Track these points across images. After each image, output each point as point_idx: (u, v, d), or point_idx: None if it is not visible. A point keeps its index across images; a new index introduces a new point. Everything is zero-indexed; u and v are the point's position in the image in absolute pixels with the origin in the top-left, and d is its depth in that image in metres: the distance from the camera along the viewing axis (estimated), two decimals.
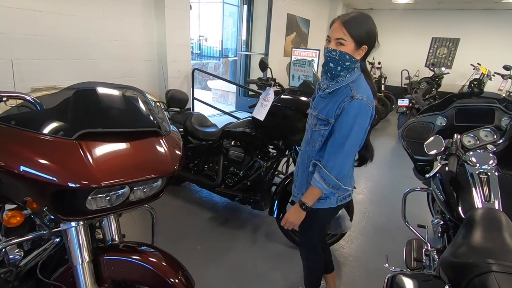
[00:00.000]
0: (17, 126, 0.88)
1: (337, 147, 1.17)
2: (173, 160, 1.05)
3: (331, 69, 1.18)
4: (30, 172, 0.83)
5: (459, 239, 1.20)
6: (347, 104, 1.15)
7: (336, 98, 1.19)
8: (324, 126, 1.21)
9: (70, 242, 1.00)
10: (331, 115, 1.18)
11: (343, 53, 1.13)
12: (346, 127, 1.15)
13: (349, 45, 1.13)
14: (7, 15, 2.27)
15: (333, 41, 1.14)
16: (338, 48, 1.13)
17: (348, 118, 1.15)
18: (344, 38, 1.12)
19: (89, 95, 1.00)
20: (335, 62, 1.15)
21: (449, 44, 8.53)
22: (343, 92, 1.18)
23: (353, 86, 1.18)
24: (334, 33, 1.14)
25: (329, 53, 1.15)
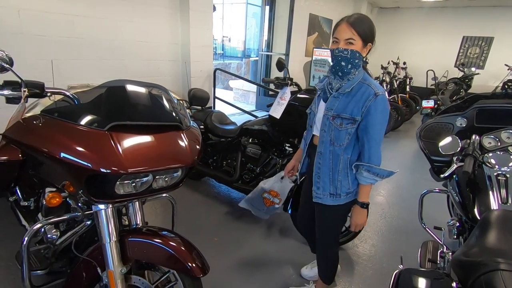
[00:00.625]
0: (59, 118, 1.01)
1: (374, 142, 1.26)
2: (192, 152, 1.14)
3: (342, 68, 1.24)
4: (69, 158, 0.95)
5: (472, 240, 1.20)
6: (374, 102, 1.22)
7: (357, 97, 1.24)
8: (351, 124, 1.27)
9: (100, 222, 1.12)
10: (357, 113, 1.24)
11: (354, 51, 1.20)
12: (378, 122, 1.24)
13: (358, 44, 1.21)
14: (48, 20, 2.50)
15: (343, 41, 1.21)
16: (348, 47, 1.20)
17: (377, 113, 1.23)
18: (353, 38, 1.19)
19: (119, 91, 1.11)
20: (347, 61, 1.22)
21: (481, 43, 8.10)
22: (363, 91, 1.24)
23: (370, 83, 1.25)
24: (343, 34, 1.21)
25: (341, 52, 1.21)
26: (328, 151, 1.33)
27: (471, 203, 1.39)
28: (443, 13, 8.25)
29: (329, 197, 1.38)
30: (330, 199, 1.38)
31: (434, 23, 8.39)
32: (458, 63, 8.13)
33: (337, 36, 1.23)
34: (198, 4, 3.47)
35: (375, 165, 1.27)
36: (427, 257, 1.79)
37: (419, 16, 8.50)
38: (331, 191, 1.37)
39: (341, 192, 1.36)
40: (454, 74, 7.14)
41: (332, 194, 1.37)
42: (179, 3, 3.44)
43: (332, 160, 1.33)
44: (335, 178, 1.35)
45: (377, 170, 1.28)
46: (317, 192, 1.40)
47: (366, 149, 1.28)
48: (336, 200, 1.38)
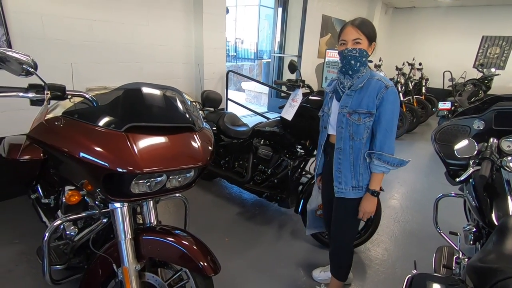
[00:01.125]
0: (79, 119, 1.05)
1: (386, 131, 1.34)
2: (205, 153, 1.17)
3: (352, 66, 1.34)
4: (87, 157, 0.99)
5: (489, 246, 1.17)
6: (385, 94, 1.31)
7: (369, 91, 1.33)
8: (369, 118, 1.34)
9: (116, 220, 1.16)
10: (372, 106, 1.33)
11: (362, 50, 1.31)
12: (389, 112, 1.32)
13: (364, 43, 1.32)
14: (69, 25, 2.60)
15: (350, 42, 1.32)
16: (356, 46, 1.31)
17: (389, 104, 1.32)
18: (360, 37, 1.31)
19: (135, 94, 1.15)
20: (356, 59, 1.32)
21: (502, 43, 7.81)
22: (373, 85, 1.33)
23: (379, 78, 1.35)
24: (350, 35, 1.32)
25: (350, 52, 1.32)
26: (348, 146, 1.40)
27: (488, 208, 1.36)
28: (461, 12, 8.02)
29: (352, 191, 1.44)
30: (353, 192, 1.44)
31: (451, 22, 8.16)
32: (477, 63, 7.87)
33: (344, 38, 1.34)
34: (212, 8, 3.52)
35: (386, 153, 1.34)
36: (442, 262, 1.75)
37: (435, 16, 8.30)
38: (353, 184, 1.43)
39: (363, 184, 1.43)
40: (472, 75, 6.92)
41: (354, 187, 1.44)
42: (193, 7, 3.50)
43: (353, 154, 1.40)
44: (356, 172, 1.42)
45: (387, 158, 1.34)
46: (339, 187, 1.46)
47: (378, 138, 1.35)
48: (359, 192, 1.44)
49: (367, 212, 1.45)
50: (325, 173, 1.61)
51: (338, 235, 1.61)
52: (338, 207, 1.53)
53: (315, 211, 1.87)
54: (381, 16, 8.11)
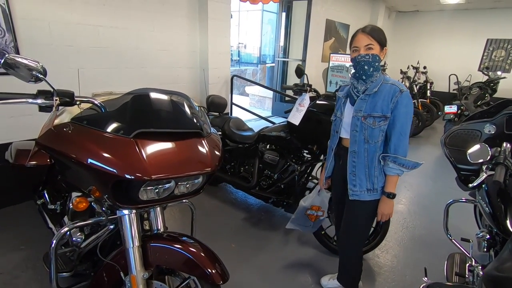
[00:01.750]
0: (88, 125, 1.04)
1: (400, 135, 1.36)
2: (213, 159, 1.15)
3: (366, 72, 1.36)
4: (96, 164, 0.98)
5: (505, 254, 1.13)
6: (400, 98, 1.33)
7: (383, 96, 1.36)
8: (384, 121, 1.37)
9: (124, 227, 1.14)
10: (387, 110, 1.35)
11: (374, 55, 1.34)
12: (404, 116, 1.35)
13: (376, 48, 1.35)
14: (75, 31, 2.62)
15: (363, 48, 1.35)
16: (369, 52, 1.34)
17: (403, 108, 1.34)
18: (372, 43, 1.34)
19: (143, 99, 1.14)
20: (369, 64, 1.35)
21: (507, 46, 7.76)
22: (388, 89, 1.36)
23: (393, 82, 1.38)
24: (361, 42, 1.35)
25: (363, 58, 1.34)
26: (363, 149, 1.42)
27: (503, 215, 1.32)
28: (465, 16, 7.99)
29: (367, 193, 1.46)
30: (368, 195, 1.46)
31: (456, 26, 8.14)
32: (482, 66, 7.83)
33: (356, 45, 1.37)
34: (217, 13, 3.54)
35: (401, 156, 1.36)
36: (454, 270, 1.71)
37: (440, 19, 8.28)
38: (368, 187, 1.45)
39: (377, 187, 1.45)
40: (477, 78, 6.87)
41: (369, 190, 1.45)
42: (198, 13, 3.52)
43: (368, 157, 1.42)
44: (371, 174, 1.44)
45: (402, 160, 1.36)
46: (354, 189, 1.47)
47: (392, 141, 1.37)
48: (373, 195, 1.46)
49: (385, 214, 1.48)
50: (336, 177, 1.62)
51: (349, 239, 1.60)
52: (351, 209, 1.53)
53: (306, 209, 1.86)
54: (384, 20, 8.11)
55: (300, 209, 1.86)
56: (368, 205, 1.48)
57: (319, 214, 1.86)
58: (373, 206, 1.50)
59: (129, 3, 2.91)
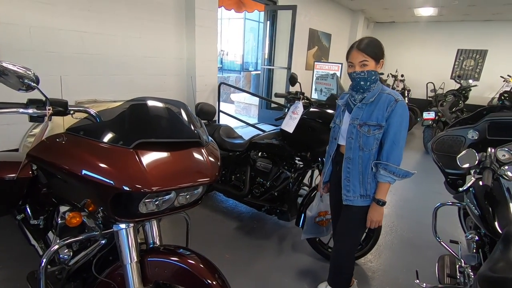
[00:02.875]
0: (85, 136, 0.99)
1: (393, 143, 1.39)
2: (214, 168, 1.13)
3: (362, 86, 1.41)
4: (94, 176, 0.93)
5: (496, 254, 1.18)
6: (395, 107, 1.37)
7: (379, 105, 1.39)
8: (378, 130, 1.40)
9: (121, 242, 1.09)
10: (382, 119, 1.39)
11: (369, 71, 1.38)
12: (398, 125, 1.38)
13: (371, 64, 1.38)
14: (58, 37, 2.52)
15: (357, 64, 1.38)
16: (364, 69, 1.38)
17: (397, 117, 1.38)
18: (366, 59, 1.37)
19: (142, 108, 1.11)
20: (365, 80, 1.39)
21: (476, 56, 8.29)
22: (384, 99, 1.40)
23: (390, 92, 1.42)
24: (356, 59, 1.39)
25: (358, 75, 1.39)
26: (357, 156, 1.45)
27: (491, 216, 1.38)
28: (438, 27, 8.48)
29: (360, 199, 1.48)
30: (361, 200, 1.49)
31: (429, 36, 8.61)
32: (454, 75, 8.29)
33: (351, 60, 1.41)
34: (204, 21, 3.53)
35: (392, 164, 1.39)
36: (446, 272, 1.76)
37: (414, 30, 8.74)
38: (361, 193, 1.48)
39: (370, 193, 1.48)
40: (450, 86, 7.26)
41: (362, 196, 1.48)
42: (185, 20, 3.50)
43: (362, 164, 1.45)
44: (365, 181, 1.47)
45: (393, 168, 1.39)
46: (347, 195, 1.50)
47: (385, 149, 1.41)
48: (366, 201, 1.49)
49: (374, 221, 1.49)
50: (333, 182, 1.65)
51: (342, 241, 1.63)
52: (345, 214, 1.57)
53: (314, 218, 1.88)
54: (363, 30, 8.44)
55: (308, 220, 1.87)
56: (361, 210, 1.51)
57: (328, 218, 1.89)
58: (366, 212, 1.52)
59: (115, 10, 2.85)
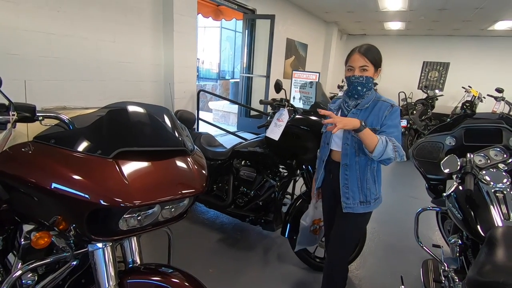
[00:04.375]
0: (56, 145, 0.88)
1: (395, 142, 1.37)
2: (201, 179, 1.05)
3: (358, 92, 1.40)
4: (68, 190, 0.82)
5: (482, 258, 1.20)
6: (391, 111, 1.39)
7: (375, 111, 1.40)
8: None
9: (97, 264, 0.97)
10: (376, 123, 1.39)
11: (368, 77, 1.38)
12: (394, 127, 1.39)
13: (371, 70, 1.38)
14: (23, 38, 2.32)
15: (357, 69, 1.37)
16: (363, 74, 1.37)
17: (393, 120, 1.39)
18: (366, 65, 1.37)
19: (122, 114, 1.01)
20: (362, 85, 1.39)
21: (440, 68, 8.89)
22: (379, 106, 1.41)
23: (385, 99, 1.43)
24: (357, 62, 1.37)
25: (357, 79, 1.38)
26: (354, 162, 1.43)
27: (474, 220, 1.42)
28: (405, 40, 9.02)
29: (360, 205, 1.46)
30: (361, 207, 1.46)
31: (398, 49, 9.12)
32: (421, 85, 8.81)
33: (351, 64, 1.39)
34: (182, 26, 3.45)
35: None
36: (431, 276, 1.78)
37: (384, 43, 9.20)
38: (361, 199, 1.46)
39: (370, 199, 1.46)
40: (418, 95, 7.70)
41: (362, 202, 1.46)
42: (163, 25, 3.40)
43: (359, 170, 1.44)
44: (363, 187, 1.45)
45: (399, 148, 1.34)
46: (347, 202, 1.46)
47: None
48: (367, 207, 1.47)
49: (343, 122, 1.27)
50: (326, 189, 1.61)
51: (337, 248, 1.58)
52: (342, 221, 1.53)
53: (309, 227, 1.82)
54: (337, 41, 8.75)
55: (303, 229, 1.81)
56: (361, 217, 1.49)
57: (321, 225, 1.86)
58: (364, 217, 1.52)
59: (87, 11, 2.69)
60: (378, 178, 1.50)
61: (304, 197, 2.06)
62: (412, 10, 6.06)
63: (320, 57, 8.39)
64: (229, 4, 4.90)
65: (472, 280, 1.11)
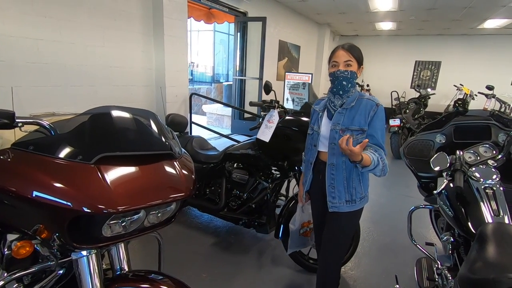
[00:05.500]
0: (36, 152, 0.86)
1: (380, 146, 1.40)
2: (188, 182, 1.04)
3: (344, 87, 1.40)
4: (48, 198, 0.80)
5: (473, 255, 1.20)
6: (377, 111, 1.40)
7: (361, 110, 1.40)
8: (361, 134, 1.39)
9: (82, 273, 0.95)
10: (364, 124, 1.38)
11: (353, 72, 1.39)
12: (380, 129, 1.41)
13: (355, 65, 1.40)
14: (9, 44, 2.29)
15: (342, 63, 1.39)
16: (348, 68, 1.39)
17: (378, 120, 1.40)
18: (351, 60, 1.39)
19: (104, 119, 1.00)
20: (347, 80, 1.39)
21: (431, 67, 8.98)
22: (364, 104, 1.41)
23: (369, 98, 1.44)
24: (341, 57, 1.39)
25: (342, 73, 1.38)
26: (341, 162, 1.43)
27: (464, 217, 1.42)
28: (397, 41, 9.10)
29: (345, 204, 1.46)
30: (347, 206, 1.46)
31: (390, 49, 9.20)
32: (413, 84, 8.89)
33: (336, 60, 1.40)
34: (173, 30, 3.44)
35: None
36: (424, 275, 1.77)
37: (376, 43, 9.29)
38: (347, 198, 1.46)
39: (356, 198, 1.46)
40: (411, 94, 7.75)
41: (348, 201, 1.46)
42: (153, 29, 3.39)
43: (346, 169, 1.43)
44: (349, 186, 1.45)
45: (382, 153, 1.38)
46: (333, 201, 1.46)
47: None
48: (352, 206, 1.47)
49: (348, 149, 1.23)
50: (315, 191, 1.59)
51: (330, 250, 1.56)
52: (332, 222, 1.52)
53: (298, 231, 1.81)
54: (330, 42, 8.80)
55: (293, 233, 1.79)
56: (347, 216, 1.49)
57: (311, 227, 1.84)
58: (351, 218, 1.51)
59: (76, 17, 2.67)
60: (364, 178, 1.49)
61: (296, 199, 2.05)
62: (402, 10, 6.12)
63: (313, 58, 8.43)
64: (220, 7, 4.90)
65: (463, 278, 1.11)
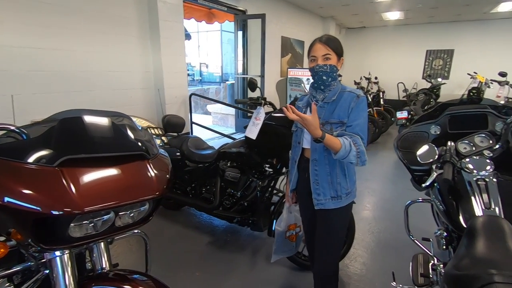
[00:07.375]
0: (3, 157, 0.89)
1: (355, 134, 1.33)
2: (160, 182, 1.04)
3: (324, 82, 1.36)
4: (12, 202, 0.82)
5: (461, 250, 1.15)
6: (357, 102, 1.35)
7: (342, 103, 1.36)
8: (340, 127, 1.35)
9: (55, 272, 0.98)
10: (344, 116, 1.34)
11: (332, 65, 1.34)
12: (362, 119, 1.35)
13: (334, 58, 1.36)
14: (9, 54, 2.39)
15: (320, 58, 1.34)
16: (326, 62, 1.34)
17: (359, 111, 1.35)
18: (329, 53, 1.34)
19: (74, 122, 1.02)
20: (327, 74, 1.35)
21: (444, 56, 8.64)
22: (345, 97, 1.37)
23: (350, 90, 1.40)
24: (319, 51, 1.35)
25: (321, 68, 1.34)
26: (323, 157, 1.39)
27: (455, 211, 1.36)
28: (406, 30, 8.81)
29: (331, 201, 1.41)
30: (332, 203, 1.41)
31: (399, 39, 8.92)
32: (425, 75, 8.59)
33: (314, 54, 1.36)
34: (169, 32, 3.48)
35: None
36: (419, 271, 1.72)
37: (384, 34, 9.03)
38: (332, 194, 1.41)
39: (341, 193, 1.41)
40: (423, 85, 7.51)
41: (333, 197, 1.41)
42: (150, 33, 3.44)
43: (329, 164, 1.39)
44: (334, 181, 1.40)
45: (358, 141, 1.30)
46: (318, 198, 1.42)
47: None
48: (338, 202, 1.42)
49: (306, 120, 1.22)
50: (302, 189, 1.55)
51: (324, 251, 1.50)
52: (320, 220, 1.48)
53: (284, 233, 1.74)
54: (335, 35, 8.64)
55: (278, 235, 1.74)
56: (334, 214, 1.44)
57: (297, 231, 1.78)
58: (339, 215, 1.46)
59: (75, 25, 2.75)
60: (349, 173, 1.44)
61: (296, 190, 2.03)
62: None
63: None
64: (219, 7, 4.91)
65: (447, 274, 1.07)
